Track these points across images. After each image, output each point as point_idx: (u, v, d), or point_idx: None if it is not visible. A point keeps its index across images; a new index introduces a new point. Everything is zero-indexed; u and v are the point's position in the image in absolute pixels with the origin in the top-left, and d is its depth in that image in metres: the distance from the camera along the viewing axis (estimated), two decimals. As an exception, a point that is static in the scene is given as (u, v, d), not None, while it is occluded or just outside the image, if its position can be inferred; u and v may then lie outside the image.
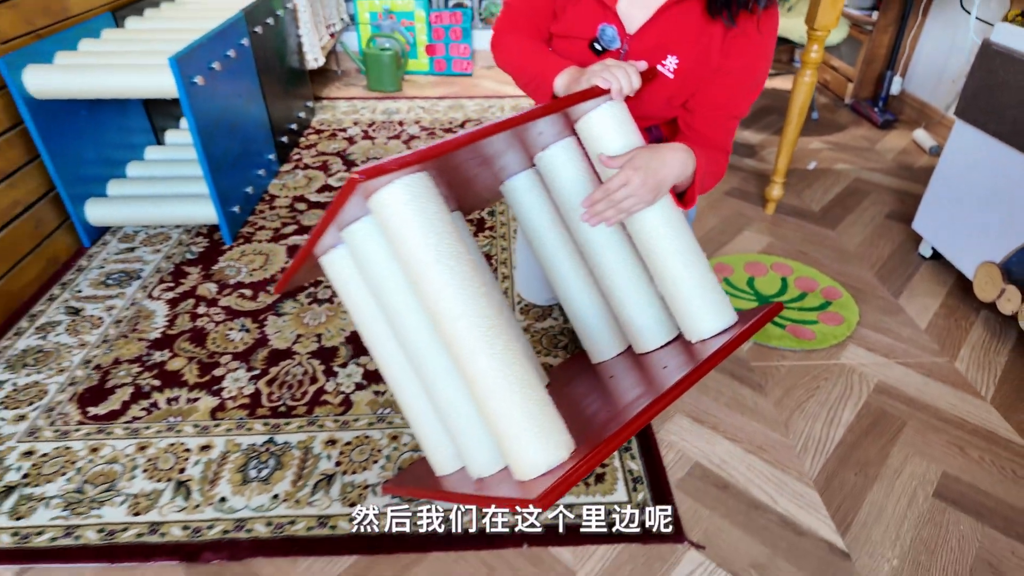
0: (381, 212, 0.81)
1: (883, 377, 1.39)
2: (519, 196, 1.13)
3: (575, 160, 1.03)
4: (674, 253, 0.97)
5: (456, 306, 0.79)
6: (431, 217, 0.80)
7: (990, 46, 1.47)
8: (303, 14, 2.48)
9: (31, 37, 1.67)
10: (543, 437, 0.78)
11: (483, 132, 0.80)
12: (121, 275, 1.72)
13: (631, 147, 0.96)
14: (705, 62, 1.02)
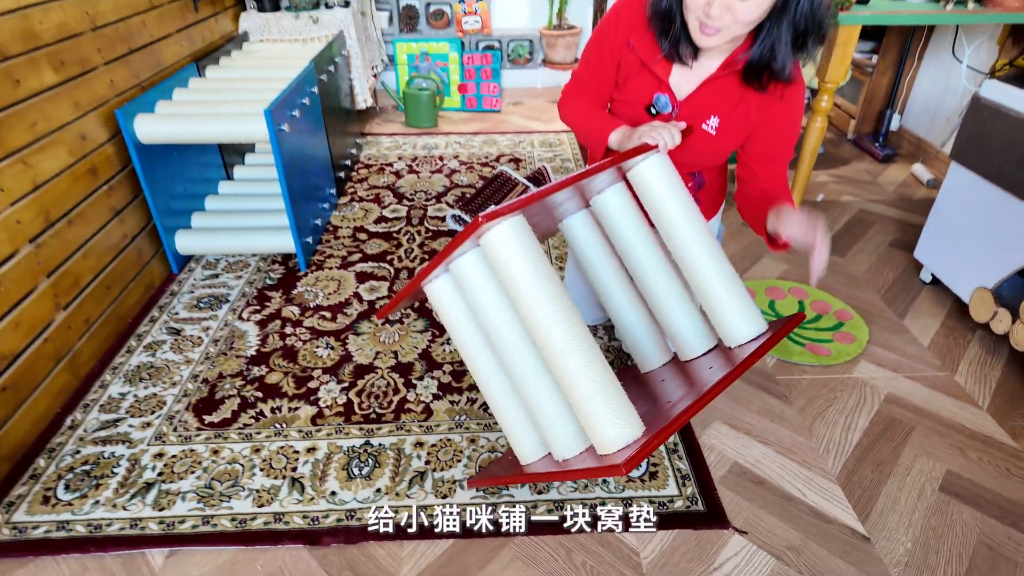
0: (492, 245, 1.02)
1: (892, 389, 1.60)
2: (576, 232, 1.34)
3: (626, 201, 1.23)
4: (714, 272, 1.16)
5: (550, 316, 1.00)
6: (529, 248, 1.02)
7: (979, 100, 1.70)
8: (355, 60, 2.73)
9: (137, 89, 1.90)
10: (621, 417, 0.99)
11: (566, 182, 1.03)
12: (211, 299, 1.92)
13: (674, 190, 1.14)
14: (743, 122, 1.22)
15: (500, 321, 1.12)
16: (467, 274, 1.13)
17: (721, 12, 1.01)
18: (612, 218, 1.25)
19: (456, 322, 1.22)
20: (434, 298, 1.24)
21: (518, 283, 1.01)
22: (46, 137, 1.51)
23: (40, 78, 1.49)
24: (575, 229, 1.34)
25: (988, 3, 1.85)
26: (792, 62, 1.10)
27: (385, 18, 3.35)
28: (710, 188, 1.48)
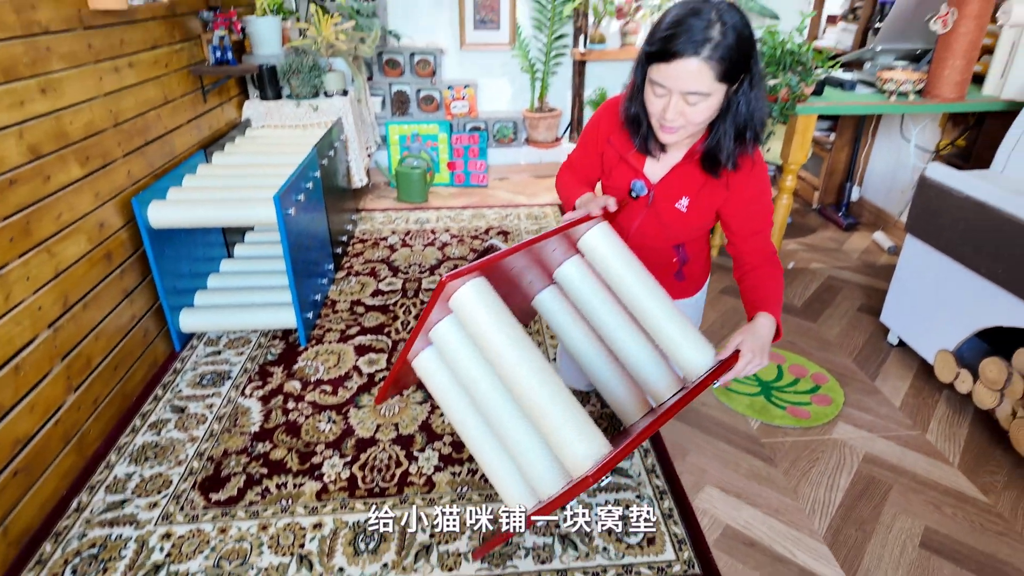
0: (460, 304, 1.18)
1: (869, 449, 1.69)
2: (547, 306, 1.51)
3: (583, 270, 1.41)
4: (664, 318, 1.30)
5: (516, 358, 1.14)
6: (491, 303, 1.17)
7: (926, 180, 1.89)
8: (352, 143, 2.89)
9: (151, 177, 2.02)
10: (588, 439, 1.10)
11: (514, 249, 1.19)
12: (213, 375, 1.98)
13: (618, 252, 1.32)
14: (710, 201, 1.39)
15: (477, 375, 1.25)
16: (445, 338, 1.26)
17: (675, 116, 1.19)
18: (573, 286, 1.41)
19: (441, 386, 1.33)
20: (422, 371, 1.36)
21: (485, 333, 1.16)
22: (69, 227, 1.60)
23: (68, 173, 1.60)
24: (546, 303, 1.51)
25: (926, 94, 2.07)
26: (737, 153, 1.27)
27: (378, 103, 3.57)
28: (694, 264, 1.61)
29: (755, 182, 1.35)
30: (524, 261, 1.31)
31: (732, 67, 1.14)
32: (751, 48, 1.16)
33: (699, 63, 1.11)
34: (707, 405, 1.85)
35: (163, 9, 2.13)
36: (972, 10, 1.92)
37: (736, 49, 1.12)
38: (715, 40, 1.10)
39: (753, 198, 1.36)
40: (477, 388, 1.24)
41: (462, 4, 3.62)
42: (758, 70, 1.20)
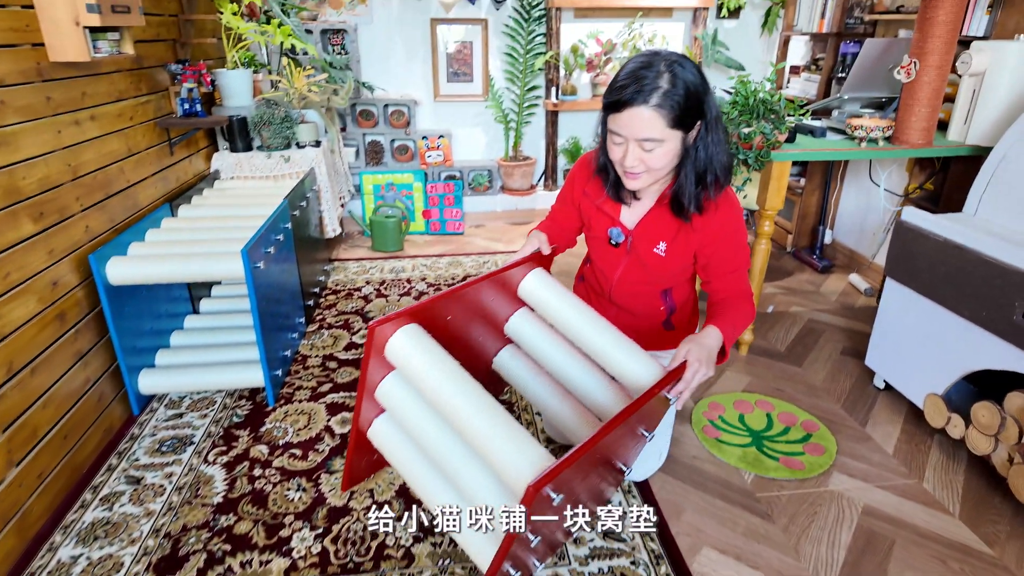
0: (395, 352, 1.20)
1: (867, 500, 1.63)
2: (506, 366, 1.55)
3: (530, 319, 1.47)
4: (609, 343, 1.34)
5: (452, 391, 1.15)
6: (424, 343, 1.20)
7: (902, 224, 1.90)
8: (325, 193, 2.84)
9: (112, 232, 1.92)
10: (528, 455, 1.07)
11: (443, 295, 1.26)
12: (174, 441, 1.85)
13: (554, 292, 1.39)
14: (686, 244, 1.40)
15: (427, 427, 1.24)
16: (388, 393, 1.27)
17: (634, 162, 1.25)
18: (525, 337, 1.46)
19: (394, 451, 1.33)
20: (376, 439, 1.36)
21: (421, 374, 1.17)
22: (18, 287, 1.50)
23: (18, 230, 1.51)
24: (504, 362, 1.53)
25: (895, 140, 2.11)
26: (700, 196, 1.31)
27: (352, 153, 3.54)
28: (682, 312, 1.58)
29: (722, 223, 1.36)
30: (466, 312, 1.34)
31: (683, 114, 1.19)
32: (702, 96, 1.21)
33: (649, 111, 1.18)
34: (699, 459, 1.78)
35: (129, 62, 2.08)
36: (933, 61, 1.97)
37: (685, 97, 1.18)
38: (663, 89, 1.17)
39: (722, 238, 1.37)
40: (427, 440, 1.23)
41: (435, 57, 3.66)
42: (713, 116, 1.24)
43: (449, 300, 1.27)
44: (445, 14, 3.56)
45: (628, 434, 1.27)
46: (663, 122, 1.19)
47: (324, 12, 3.48)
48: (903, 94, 2.07)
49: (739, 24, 3.86)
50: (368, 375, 1.26)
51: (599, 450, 1.11)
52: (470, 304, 1.34)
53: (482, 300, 1.36)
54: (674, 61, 1.19)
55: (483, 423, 1.11)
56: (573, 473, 1.05)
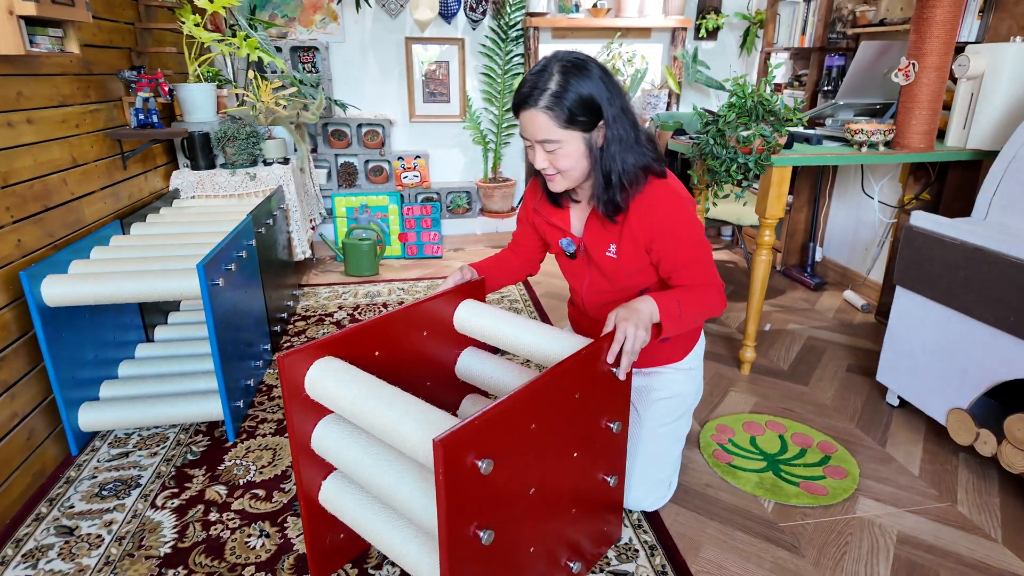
0: (314, 387, 1.14)
1: (900, 527, 1.47)
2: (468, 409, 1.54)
3: (476, 355, 1.47)
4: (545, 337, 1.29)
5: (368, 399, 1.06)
6: (346, 371, 1.13)
7: (913, 229, 1.79)
8: (294, 213, 2.66)
9: (50, 249, 1.71)
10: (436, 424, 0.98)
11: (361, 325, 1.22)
12: (117, 484, 1.61)
13: (483, 314, 1.37)
14: (633, 244, 1.34)
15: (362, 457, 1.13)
16: (323, 437, 1.18)
17: (544, 164, 1.27)
18: (473, 374, 1.45)
19: (351, 510, 1.20)
20: (328, 502, 1.25)
21: (339, 399, 1.09)
22: (-74, 304, 1.28)
23: (-71, 238, 1.30)
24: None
25: (895, 145, 2.03)
26: (616, 196, 1.28)
27: (323, 175, 3.38)
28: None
29: (664, 218, 1.30)
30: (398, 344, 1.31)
31: (574, 114, 1.20)
32: (595, 95, 1.20)
33: (539, 112, 1.20)
34: (712, 487, 1.61)
35: (75, 65, 1.90)
36: (932, 62, 1.91)
37: (576, 97, 1.19)
38: (552, 90, 1.19)
39: (666, 233, 1.31)
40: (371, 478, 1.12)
41: (410, 77, 3.55)
42: (612, 116, 1.23)
43: (368, 331, 1.23)
44: (420, 33, 3.47)
45: (585, 420, 1.17)
46: (554, 123, 1.21)
47: (294, 30, 3.35)
48: (902, 97, 2.00)
49: (717, 45, 3.85)
50: (296, 426, 1.16)
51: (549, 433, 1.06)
52: (399, 335, 1.31)
53: (411, 332, 1.34)
54: (568, 63, 1.21)
55: (402, 415, 1.01)
56: (507, 443, 0.97)
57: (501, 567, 1.05)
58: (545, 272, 3.25)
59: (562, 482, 1.15)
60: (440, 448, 0.85)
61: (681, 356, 1.53)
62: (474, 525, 0.96)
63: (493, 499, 0.98)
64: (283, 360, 1.11)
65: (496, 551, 1.02)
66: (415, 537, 1.10)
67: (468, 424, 0.89)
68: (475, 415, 0.91)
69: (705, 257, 1.34)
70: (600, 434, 1.23)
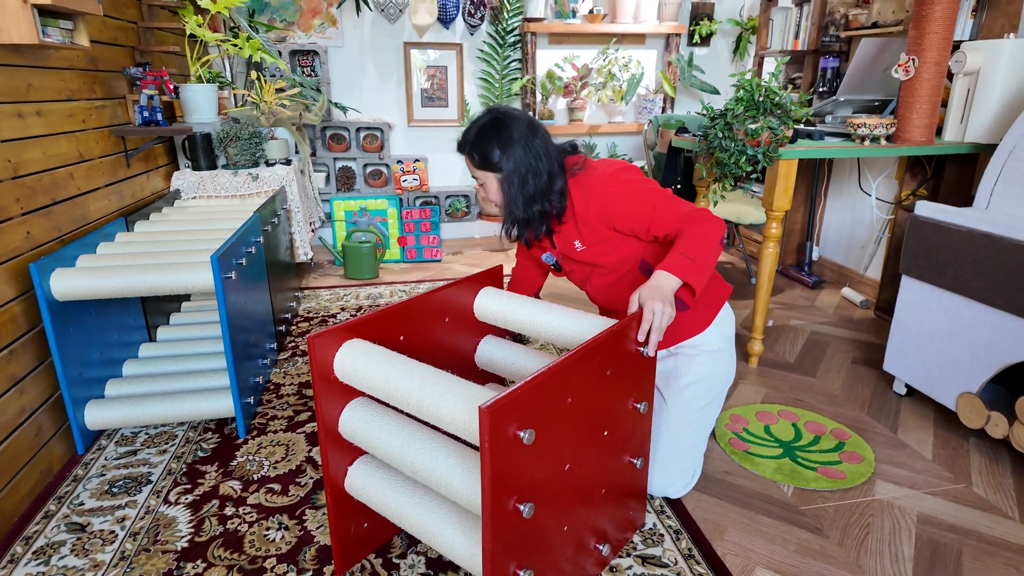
0: (344, 368, 1.14)
1: (920, 508, 1.48)
2: (487, 356, 1.50)
3: (495, 344, 1.49)
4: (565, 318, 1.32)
5: (401, 375, 1.07)
6: (375, 351, 1.13)
7: (919, 219, 1.83)
8: (296, 214, 2.65)
9: (57, 243, 1.69)
10: (477, 396, 0.98)
11: (388, 308, 1.25)
12: (127, 481, 1.57)
13: (510, 302, 1.41)
14: (593, 232, 1.43)
15: (393, 438, 1.12)
16: (352, 418, 1.18)
17: (482, 195, 1.44)
18: (494, 358, 1.48)
19: (380, 495, 1.19)
20: (356, 490, 1.23)
21: (375, 382, 1.09)
22: (-61, 292, 1.25)
23: (-58, 224, 1.27)
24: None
25: (896, 139, 2.08)
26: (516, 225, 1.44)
27: (322, 178, 3.37)
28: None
29: (601, 193, 1.40)
30: (422, 327, 1.32)
31: (482, 156, 1.37)
32: (493, 139, 1.35)
33: (465, 156, 1.41)
34: (731, 474, 1.61)
35: (82, 60, 1.89)
36: (932, 57, 1.96)
37: (481, 143, 1.36)
38: (470, 139, 1.38)
39: (613, 199, 1.39)
40: (403, 458, 1.11)
41: (409, 82, 3.57)
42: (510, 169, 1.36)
43: (394, 314, 1.25)
44: (419, 38, 3.49)
45: (615, 399, 1.18)
46: (473, 165, 1.40)
47: (293, 34, 3.36)
48: (902, 92, 2.05)
49: (710, 50, 3.92)
50: (324, 410, 1.15)
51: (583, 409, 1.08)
52: (422, 320, 1.33)
53: (434, 318, 1.36)
54: (490, 113, 1.39)
55: (444, 394, 1.00)
56: (546, 415, 0.98)
57: (538, 544, 1.04)
58: (546, 273, 3.26)
59: (593, 461, 1.15)
60: (487, 416, 0.85)
61: (704, 326, 1.50)
62: (515, 498, 0.95)
63: (532, 473, 0.98)
64: (313, 341, 1.10)
65: (534, 527, 1.01)
66: (450, 517, 1.09)
67: (511, 393, 0.89)
68: (517, 386, 0.91)
69: (660, 199, 1.37)
70: (628, 414, 1.23)
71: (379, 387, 1.08)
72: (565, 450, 1.05)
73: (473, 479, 0.99)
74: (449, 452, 1.05)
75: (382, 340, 1.23)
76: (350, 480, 1.23)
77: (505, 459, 0.91)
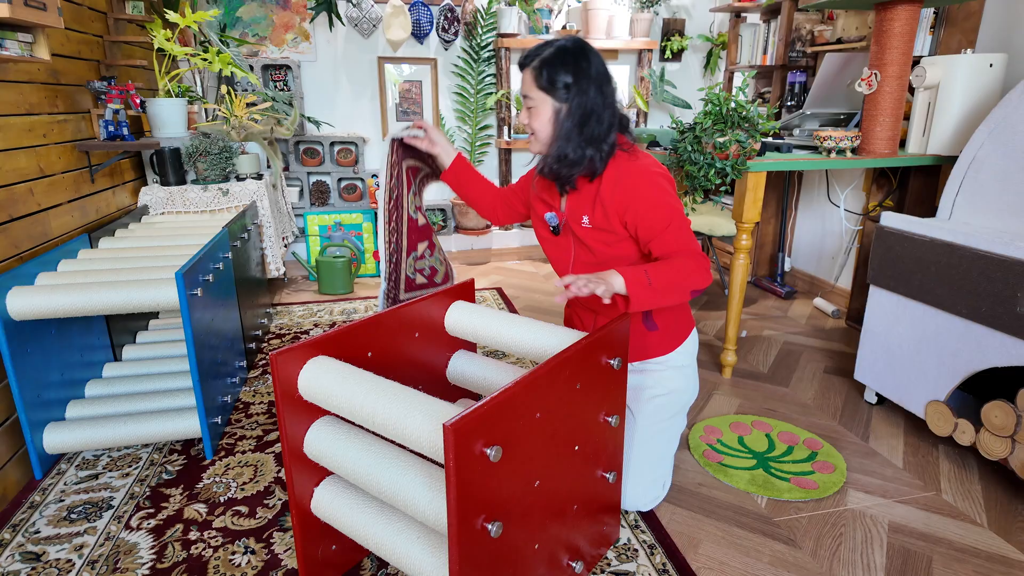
0: (308, 387, 1.11)
1: (891, 517, 1.49)
2: (459, 371, 1.49)
3: (468, 358, 1.49)
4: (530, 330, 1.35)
5: (366, 393, 1.05)
6: (334, 369, 1.11)
7: (884, 229, 1.86)
8: (268, 229, 2.61)
9: (15, 260, 1.64)
10: (442, 413, 0.97)
11: (354, 324, 1.22)
12: (87, 507, 1.52)
13: (481, 315, 1.40)
14: (604, 214, 1.39)
15: (356, 452, 1.10)
16: (317, 436, 1.15)
17: (525, 118, 1.39)
18: (465, 373, 1.46)
19: (347, 516, 1.16)
20: (321, 511, 1.20)
21: (334, 392, 1.07)
22: None
23: None
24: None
25: (861, 151, 2.12)
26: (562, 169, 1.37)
27: (295, 193, 3.34)
28: (664, 317, 1.48)
29: (633, 187, 1.36)
30: (394, 359, 1.31)
31: (551, 76, 1.31)
32: (571, 65, 1.30)
33: (528, 71, 1.36)
34: (705, 486, 1.61)
35: (43, 73, 1.85)
36: (893, 71, 2.01)
37: (556, 63, 1.31)
38: (543, 55, 1.33)
39: (638, 200, 1.35)
40: (359, 468, 1.09)
41: (383, 96, 3.56)
42: (579, 101, 1.31)
43: (361, 330, 1.23)
44: (393, 53, 3.49)
45: (585, 413, 1.17)
46: (535, 83, 1.34)
47: (265, 49, 3.34)
48: (866, 105, 2.10)
49: (682, 65, 3.98)
50: (288, 430, 1.12)
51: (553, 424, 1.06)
52: (391, 336, 1.31)
53: (403, 333, 1.34)
54: (568, 44, 1.33)
55: (406, 409, 0.99)
56: (514, 431, 0.96)
57: (507, 563, 1.02)
58: (523, 287, 3.25)
59: (564, 476, 1.14)
60: (451, 433, 0.83)
61: (671, 348, 1.51)
62: (482, 517, 0.93)
63: (500, 490, 0.96)
64: (276, 358, 1.07)
65: (503, 546, 0.99)
66: (417, 538, 1.07)
67: (477, 410, 0.88)
68: (483, 402, 0.90)
69: (679, 222, 1.35)
70: (599, 428, 1.22)
71: (344, 405, 1.05)
72: (534, 466, 1.04)
73: (440, 498, 0.97)
74: (415, 471, 1.03)
75: (349, 357, 1.21)
76: (316, 501, 1.20)
77: (471, 477, 0.89)
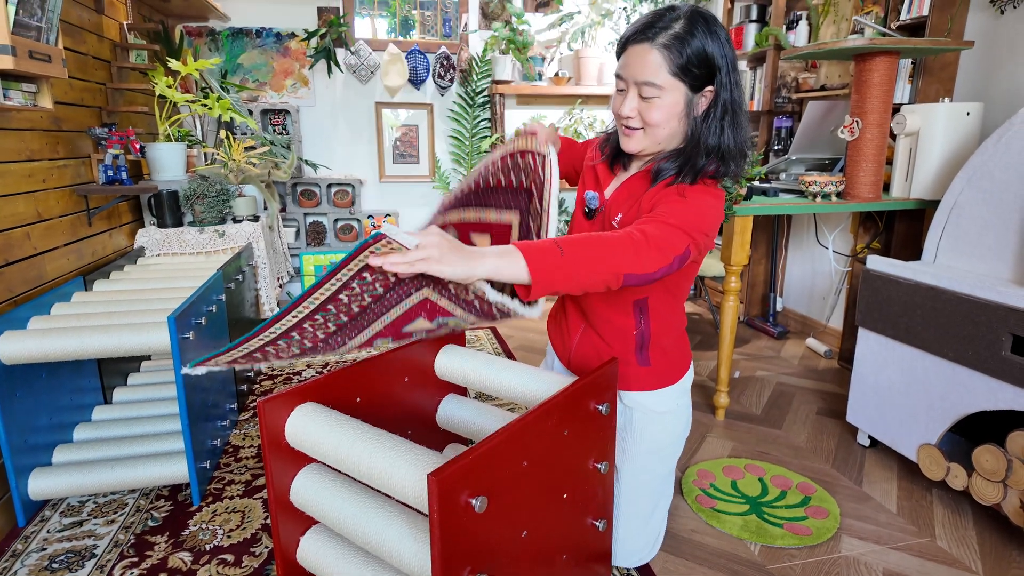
0: (296, 434, 1.11)
1: (886, 564, 1.47)
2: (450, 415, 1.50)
3: (458, 402, 1.47)
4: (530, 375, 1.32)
5: (352, 443, 1.04)
6: (321, 416, 1.11)
7: (870, 272, 1.89)
8: (263, 270, 2.63)
9: (9, 304, 1.65)
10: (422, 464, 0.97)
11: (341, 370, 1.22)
12: (69, 555, 1.49)
13: (470, 360, 1.36)
14: (637, 212, 1.19)
15: (342, 502, 1.10)
16: (304, 484, 1.15)
17: (631, 110, 1.14)
18: (455, 418, 1.44)
19: (334, 568, 1.15)
20: (307, 559, 1.19)
21: (320, 438, 1.07)
22: None
23: None
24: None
25: (846, 195, 2.17)
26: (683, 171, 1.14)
27: (291, 233, 3.37)
28: (659, 341, 1.32)
29: (679, 192, 1.13)
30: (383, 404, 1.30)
31: (690, 63, 1.06)
32: (718, 53, 1.07)
33: (652, 48, 1.07)
34: (698, 532, 1.59)
35: (45, 121, 1.89)
36: (873, 119, 2.07)
37: (698, 47, 1.05)
38: (674, 31, 1.06)
39: (672, 199, 1.12)
40: (344, 516, 1.08)
41: (380, 139, 3.64)
42: (729, 86, 1.09)
43: (350, 375, 1.23)
44: (390, 98, 3.58)
45: (574, 460, 1.16)
46: (665, 66, 1.06)
47: (265, 94, 3.42)
48: (849, 152, 2.15)
49: (672, 110, 4.08)
50: (275, 477, 1.12)
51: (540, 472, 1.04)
52: (380, 381, 1.30)
53: (393, 378, 1.33)
54: (699, 12, 1.08)
55: (394, 460, 0.99)
56: (500, 480, 0.95)
57: (495, 618, 1.00)
58: (518, 326, 3.26)
59: (553, 525, 1.13)
60: (435, 484, 0.83)
61: (663, 384, 1.35)
62: (468, 569, 0.92)
63: (487, 541, 0.95)
64: (263, 406, 1.08)
65: (490, 600, 0.98)
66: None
67: (461, 459, 0.88)
68: (467, 451, 0.90)
69: (685, 224, 1.06)
70: (588, 475, 1.22)
71: (330, 453, 1.05)
72: (522, 515, 1.03)
73: (424, 550, 0.96)
74: (400, 522, 1.03)
75: (338, 403, 1.21)
76: (302, 551, 1.19)
77: (456, 528, 0.88)
